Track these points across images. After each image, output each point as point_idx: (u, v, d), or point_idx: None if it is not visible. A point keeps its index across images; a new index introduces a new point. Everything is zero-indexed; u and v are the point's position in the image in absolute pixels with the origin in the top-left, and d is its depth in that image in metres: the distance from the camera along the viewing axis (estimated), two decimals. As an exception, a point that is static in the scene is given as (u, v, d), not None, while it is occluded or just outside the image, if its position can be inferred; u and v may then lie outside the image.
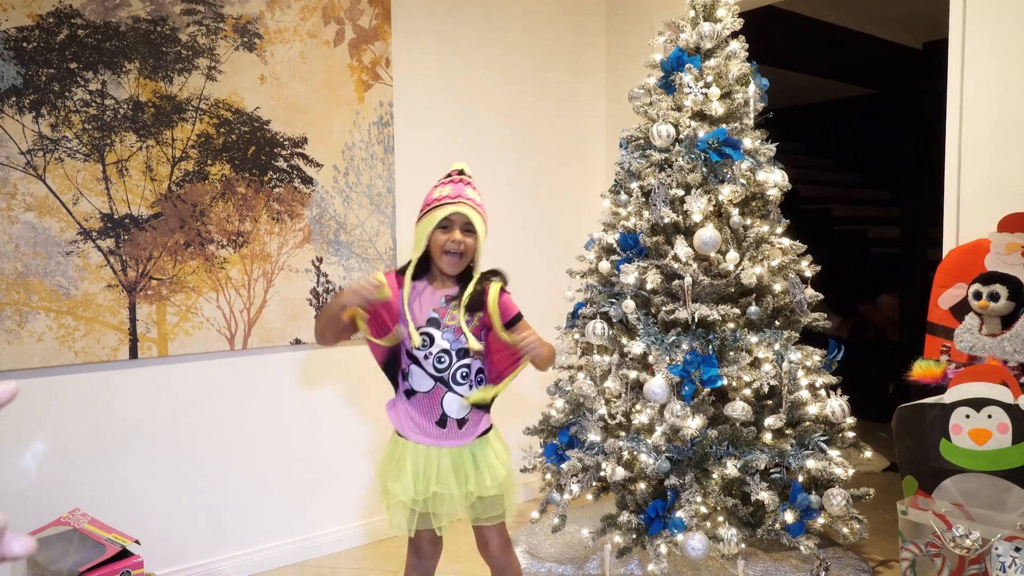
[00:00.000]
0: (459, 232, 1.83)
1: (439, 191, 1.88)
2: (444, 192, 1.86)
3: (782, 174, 2.47)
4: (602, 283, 2.62)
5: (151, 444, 2.60)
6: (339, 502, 3.04)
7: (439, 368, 1.85)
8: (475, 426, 1.90)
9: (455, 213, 1.82)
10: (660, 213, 2.38)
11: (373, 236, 3.06)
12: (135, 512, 2.56)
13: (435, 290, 1.89)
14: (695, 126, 2.43)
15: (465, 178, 1.90)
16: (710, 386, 2.26)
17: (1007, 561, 2.05)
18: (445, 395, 1.85)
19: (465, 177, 1.91)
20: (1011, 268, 2.38)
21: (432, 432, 1.87)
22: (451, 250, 1.83)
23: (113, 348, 2.49)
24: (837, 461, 2.32)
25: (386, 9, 3.05)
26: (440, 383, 1.85)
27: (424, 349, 1.85)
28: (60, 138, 2.37)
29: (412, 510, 1.86)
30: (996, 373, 2.26)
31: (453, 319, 1.85)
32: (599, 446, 2.44)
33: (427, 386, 1.86)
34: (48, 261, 2.37)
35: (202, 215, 2.65)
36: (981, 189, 2.57)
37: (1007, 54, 2.51)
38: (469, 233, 1.84)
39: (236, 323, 2.74)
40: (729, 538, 2.18)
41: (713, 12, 2.54)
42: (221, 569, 2.74)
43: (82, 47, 2.40)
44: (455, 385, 1.86)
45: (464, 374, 1.86)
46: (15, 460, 2.36)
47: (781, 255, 2.50)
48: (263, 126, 2.77)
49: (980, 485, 2.26)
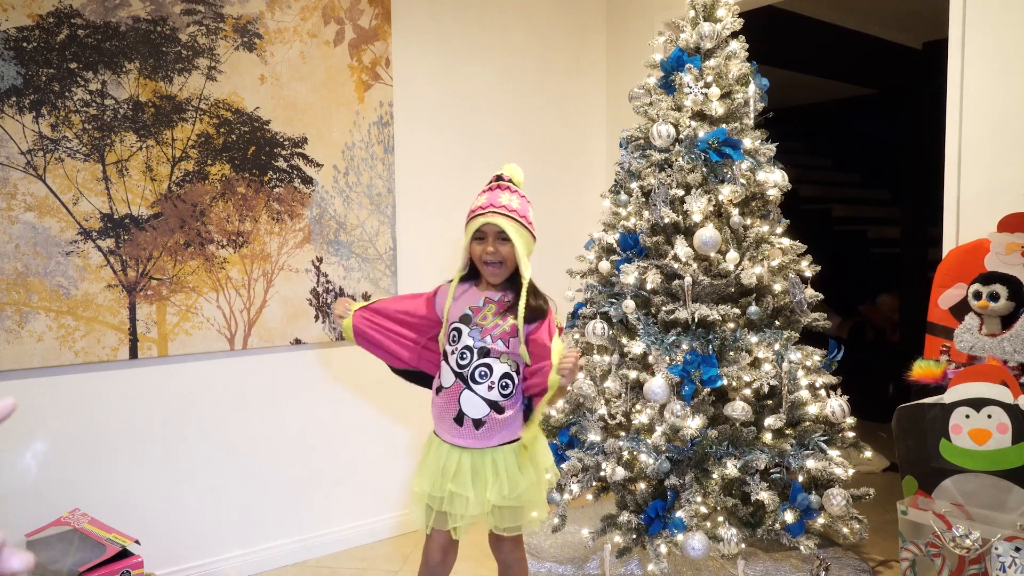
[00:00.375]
0: (493, 242, 1.84)
1: (477, 200, 1.91)
2: (479, 202, 1.89)
3: (782, 174, 2.47)
4: (602, 283, 2.62)
5: (151, 444, 2.60)
6: (339, 502, 3.04)
7: (461, 364, 1.87)
8: (493, 431, 1.89)
9: (487, 224, 1.84)
10: (660, 213, 2.38)
11: (373, 236, 3.06)
12: (135, 512, 2.56)
13: (479, 291, 1.93)
14: (695, 126, 2.43)
15: (503, 183, 1.91)
16: (710, 386, 2.26)
17: (1007, 561, 2.05)
18: (463, 392, 1.87)
19: (503, 182, 1.91)
20: (1011, 268, 2.38)
21: (452, 430, 1.89)
22: (488, 261, 1.86)
23: (113, 348, 2.49)
24: (837, 461, 2.32)
25: (386, 9, 3.05)
26: (460, 379, 1.88)
27: (452, 344, 1.89)
28: (60, 138, 2.37)
29: (429, 506, 1.88)
30: (996, 373, 2.26)
31: (484, 319, 1.87)
32: (599, 446, 2.44)
33: (449, 381, 1.90)
34: (48, 261, 2.37)
35: (202, 215, 2.65)
36: (981, 189, 2.57)
37: (1007, 54, 2.51)
38: (504, 241, 1.85)
39: (236, 323, 2.74)
40: (729, 538, 2.18)
41: (713, 12, 2.53)
42: (221, 569, 2.74)
43: (82, 47, 2.40)
44: (473, 384, 1.87)
45: (483, 374, 1.87)
46: (15, 460, 2.37)
47: (781, 255, 2.50)
48: (263, 126, 2.77)
49: (980, 485, 2.26)
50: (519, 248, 1.84)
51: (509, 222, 1.84)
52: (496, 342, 1.87)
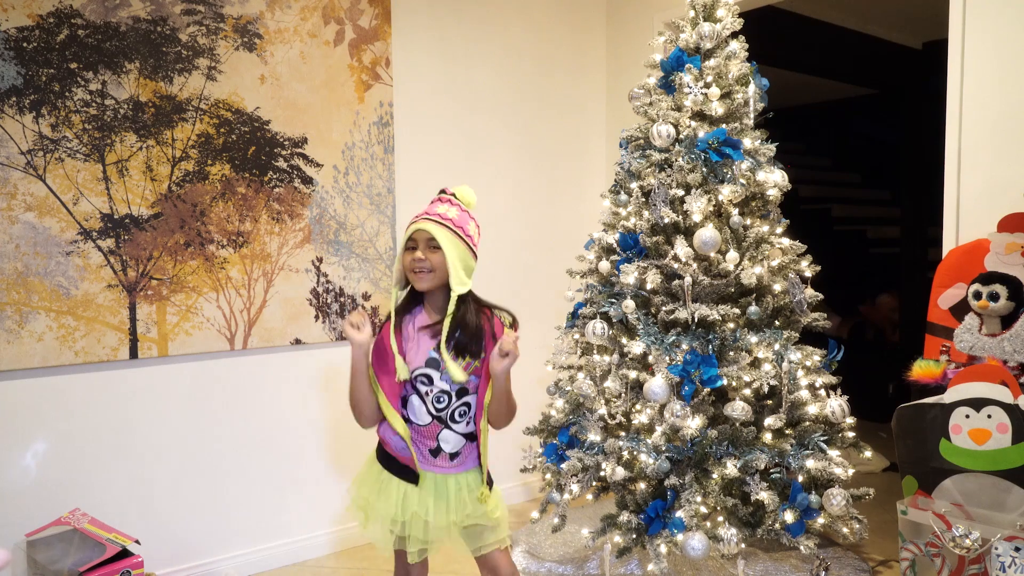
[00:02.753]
0: (423, 249, 1.76)
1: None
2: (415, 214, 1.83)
3: (782, 174, 2.47)
4: (602, 283, 2.62)
5: (151, 444, 2.60)
6: (339, 502, 3.03)
7: (438, 408, 1.81)
8: (467, 457, 1.85)
9: (417, 231, 1.76)
10: (660, 213, 2.38)
11: (373, 236, 3.06)
12: (135, 512, 2.56)
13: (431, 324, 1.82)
14: (695, 126, 2.43)
15: (444, 196, 1.84)
16: (710, 386, 2.26)
17: (1007, 561, 2.05)
18: (441, 431, 1.81)
19: (444, 196, 1.84)
20: (1011, 268, 2.38)
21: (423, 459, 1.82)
22: (415, 268, 1.76)
23: (113, 348, 2.49)
24: (837, 461, 2.32)
25: (386, 9, 3.05)
26: (438, 420, 1.81)
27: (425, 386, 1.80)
28: (60, 138, 2.38)
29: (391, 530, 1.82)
30: (996, 373, 2.26)
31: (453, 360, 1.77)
32: (599, 446, 2.44)
33: (425, 420, 1.82)
34: (48, 261, 2.37)
35: (202, 215, 2.65)
36: (981, 189, 2.57)
37: (1007, 54, 2.51)
38: (434, 249, 1.75)
39: (236, 323, 2.74)
40: (729, 538, 2.18)
41: (713, 12, 2.54)
42: (221, 569, 2.74)
43: (82, 47, 2.40)
44: (452, 423, 1.82)
45: (462, 412, 1.82)
46: (15, 460, 2.37)
47: (781, 255, 2.50)
48: (263, 126, 2.77)
49: (980, 485, 2.26)
50: (450, 257, 1.74)
51: (441, 229, 1.75)
52: (471, 378, 1.80)
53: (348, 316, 1.86)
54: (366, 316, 1.79)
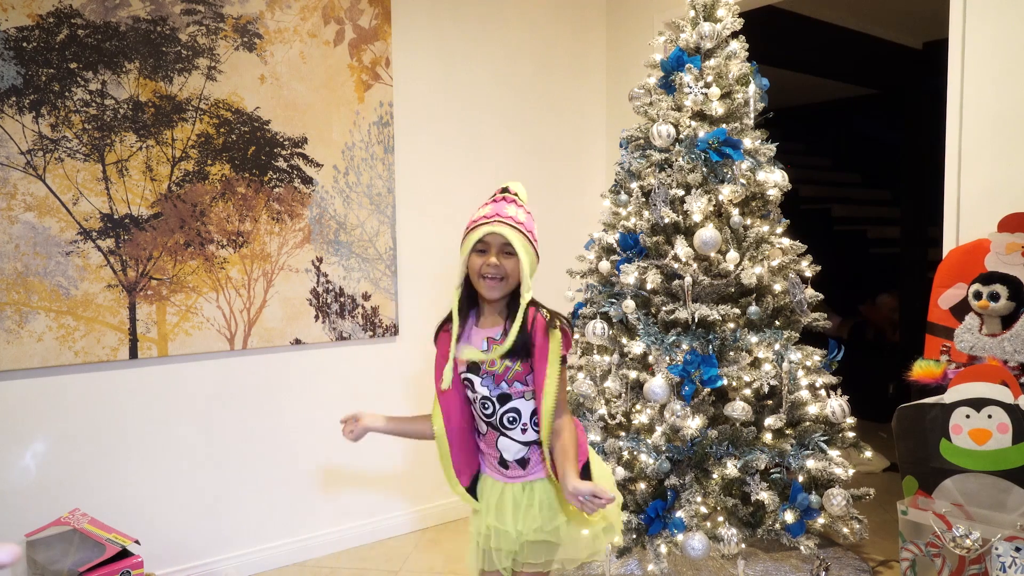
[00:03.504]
0: (497, 254, 1.65)
1: (479, 211, 1.73)
2: (482, 212, 1.71)
3: (782, 174, 2.47)
4: (602, 283, 2.62)
5: (151, 444, 2.60)
6: (339, 502, 3.04)
7: (486, 415, 1.73)
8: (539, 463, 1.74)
9: (490, 234, 1.65)
10: (660, 213, 2.38)
11: (373, 236, 3.06)
12: (135, 512, 2.56)
13: (480, 330, 1.74)
14: (695, 126, 2.43)
15: (509, 196, 1.74)
16: (710, 386, 2.26)
17: (1007, 561, 2.05)
18: (499, 438, 1.73)
19: (509, 195, 1.74)
20: (1011, 268, 2.38)
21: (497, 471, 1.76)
22: (487, 275, 1.65)
23: (113, 348, 2.49)
24: (837, 461, 2.32)
25: (386, 9, 3.05)
26: (491, 427, 1.73)
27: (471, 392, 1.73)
28: (60, 138, 2.37)
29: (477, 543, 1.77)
30: (996, 373, 2.26)
31: (493, 364, 1.68)
32: (599, 446, 2.44)
33: (484, 429, 1.76)
34: (48, 261, 2.37)
35: (202, 215, 2.65)
36: (981, 189, 2.57)
37: (1007, 54, 2.51)
38: (509, 256, 1.65)
39: (236, 323, 2.74)
40: (729, 538, 2.18)
41: (713, 12, 2.53)
42: (221, 569, 2.74)
43: (82, 47, 2.40)
44: (505, 430, 1.72)
45: (512, 419, 1.71)
46: (15, 460, 2.36)
47: (781, 255, 2.50)
48: (263, 126, 2.77)
49: (980, 485, 2.26)
50: (524, 265, 1.65)
51: (517, 234, 1.65)
52: (513, 384, 1.69)
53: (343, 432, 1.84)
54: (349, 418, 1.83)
